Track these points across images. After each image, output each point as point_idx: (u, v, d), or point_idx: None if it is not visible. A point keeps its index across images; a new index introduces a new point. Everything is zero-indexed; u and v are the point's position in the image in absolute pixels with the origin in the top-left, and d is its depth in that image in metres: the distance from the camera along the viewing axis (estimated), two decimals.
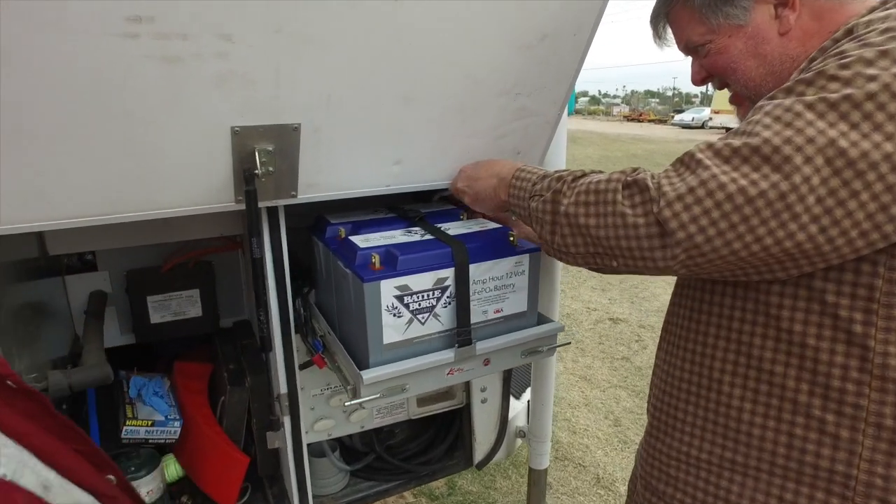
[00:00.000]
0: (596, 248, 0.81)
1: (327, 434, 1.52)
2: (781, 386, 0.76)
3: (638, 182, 0.75)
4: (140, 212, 1.02)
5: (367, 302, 0.99)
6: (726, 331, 0.82)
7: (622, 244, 0.76)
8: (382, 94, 1.05)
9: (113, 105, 0.87)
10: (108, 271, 1.70)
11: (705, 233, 0.68)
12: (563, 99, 1.27)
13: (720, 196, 0.67)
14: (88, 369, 1.26)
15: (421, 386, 1.07)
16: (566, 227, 0.83)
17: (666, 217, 0.70)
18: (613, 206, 0.76)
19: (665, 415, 0.92)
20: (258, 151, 0.99)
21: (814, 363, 0.74)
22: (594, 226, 0.79)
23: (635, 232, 0.74)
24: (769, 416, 0.78)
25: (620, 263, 0.79)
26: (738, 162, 0.68)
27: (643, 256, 0.75)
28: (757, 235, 0.66)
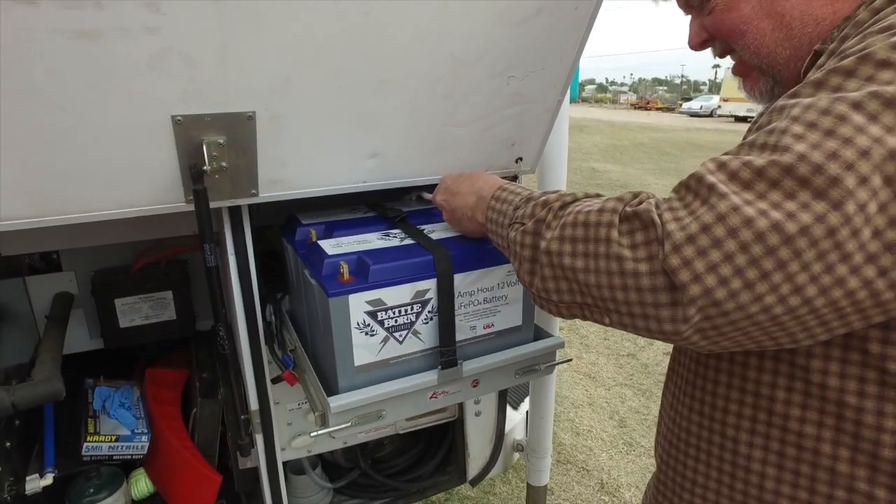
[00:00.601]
0: (584, 297, 0.63)
1: (306, 451, 1.40)
2: (814, 451, 0.62)
3: (640, 214, 0.58)
4: (78, 213, 0.90)
5: (333, 318, 0.86)
6: (740, 379, 0.67)
7: (618, 296, 0.59)
8: (353, 76, 0.91)
9: (26, 91, 0.73)
10: (73, 271, 1.58)
11: (728, 286, 0.51)
12: (563, 82, 1.13)
13: (747, 235, 0.50)
14: (36, 385, 1.14)
15: (400, 412, 0.94)
16: (547, 267, 0.66)
17: (674, 266, 0.53)
18: (607, 245, 0.59)
19: (673, 471, 0.78)
20: (206, 144, 0.85)
21: (855, 426, 0.59)
22: (581, 269, 0.61)
23: (635, 282, 0.57)
24: (799, 486, 0.64)
25: (615, 320, 0.62)
26: (765, 187, 0.51)
27: (645, 314, 0.58)
28: (796, 285, 0.50)
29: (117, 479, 1.35)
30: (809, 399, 0.61)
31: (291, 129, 0.92)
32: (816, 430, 0.61)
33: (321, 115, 0.93)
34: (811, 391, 0.61)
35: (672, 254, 0.53)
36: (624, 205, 0.60)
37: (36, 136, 0.79)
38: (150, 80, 0.78)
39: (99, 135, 0.82)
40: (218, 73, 0.81)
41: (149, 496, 1.48)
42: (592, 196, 0.69)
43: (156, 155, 0.86)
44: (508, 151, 1.17)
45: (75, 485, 1.32)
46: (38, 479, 1.19)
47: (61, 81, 0.74)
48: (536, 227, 0.69)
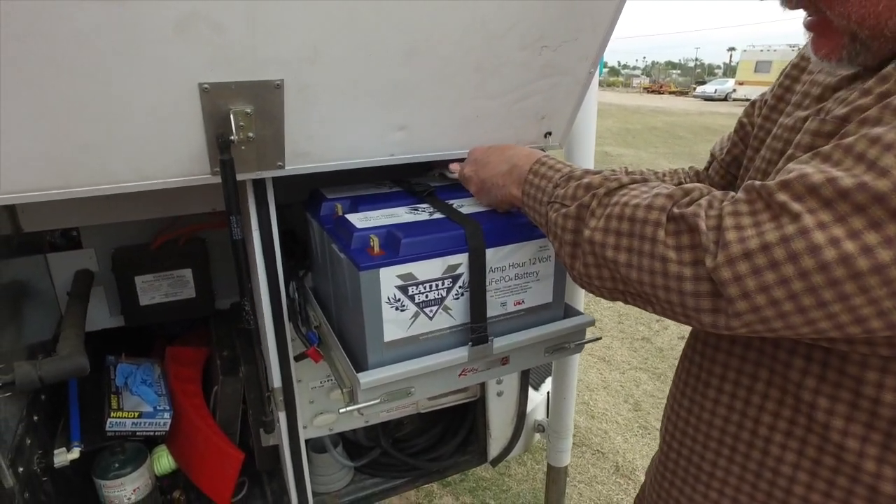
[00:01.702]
0: (627, 287, 0.62)
1: (328, 429, 1.39)
2: (855, 466, 0.59)
3: (686, 218, 0.55)
4: (102, 185, 0.88)
5: (364, 293, 0.84)
6: (781, 378, 0.63)
7: (659, 294, 0.57)
8: (381, 46, 0.88)
9: (50, 58, 0.71)
10: (93, 249, 1.58)
11: (778, 307, 0.49)
12: (595, 54, 1.09)
13: (809, 264, 0.46)
14: (61, 360, 1.13)
15: (428, 389, 0.93)
16: (590, 255, 0.64)
17: (724, 279, 0.50)
18: (652, 244, 0.57)
19: (685, 460, 0.75)
20: (234, 114, 0.83)
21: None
22: (624, 263, 0.60)
23: (678, 285, 0.55)
24: (832, 497, 0.61)
25: (658, 311, 0.61)
26: (847, 211, 0.46)
27: (686, 314, 0.56)
28: (858, 316, 0.47)
29: (141, 455, 1.36)
30: (856, 412, 0.58)
31: (319, 100, 0.89)
32: (859, 445, 0.58)
33: (349, 86, 0.90)
34: (860, 404, 0.57)
35: (725, 266, 0.50)
36: (673, 204, 0.58)
37: (60, 106, 0.77)
38: (176, 47, 0.76)
39: (124, 103, 0.80)
40: (246, 40, 0.78)
41: (171, 472, 1.49)
42: (638, 180, 0.66)
43: (182, 124, 0.84)
44: (538, 125, 1.14)
45: (101, 459, 1.33)
46: (66, 452, 1.19)
47: (86, 48, 0.72)
48: (579, 212, 0.67)
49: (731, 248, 0.50)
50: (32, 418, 1.19)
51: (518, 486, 2.42)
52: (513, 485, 2.43)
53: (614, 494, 2.38)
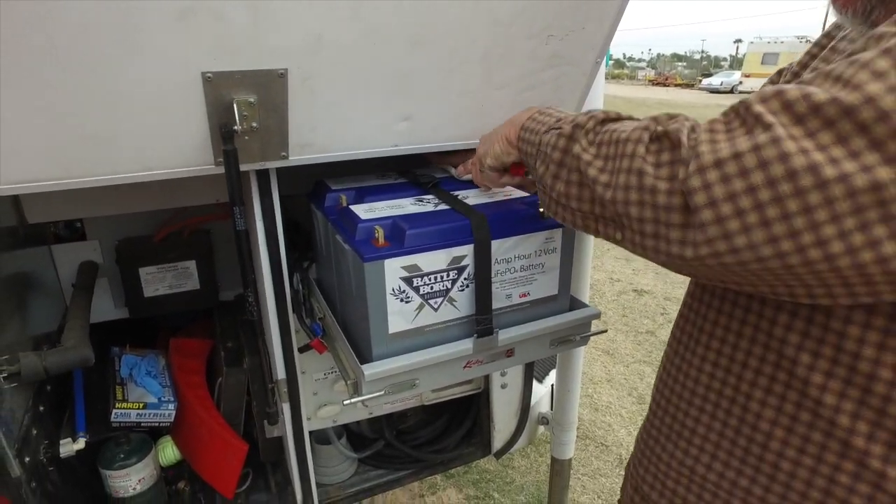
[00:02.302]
0: (602, 210, 0.62)
1: (332, 420, 1.39)
2: (830, 421, 0.59)
3: (669, 135, 0.55)
4: (105, 175, 0.87)
5: (368, 284, 0.83)
6: (765, 336, 0.63)
7: (632, 211, 0.57)
8: (386, 35, 0.87)
9: (52, 48, 0.71)
10: (98, 240, 1.58)
11: (743, 218, 0.47)
12: (602, 44, 1.08)
13: (777, 171, 0.46)
14: (66, 351, 1.13)
15: (433, 381, 0.92)
16: (574, 173, 0.65)
17: (693, 187, 0.50)
18: (631, 160, 0.57)
19: (671, 418, 0.75)
20: (237, 103, 0.82)
21: (883, 403, 0.55)
22: (604, 183, 0.60)
23: (652, 198, 0.54)
24: (806, 452, 0.61)
25: (626, 238, 0.60)
26: (818, 126, 0.45)
27: (655, 234, 0.55)
28: (821, 237, 0.45)
29: (146, 446, 1.36)
30: (836, 367, 0.58)
31: (323, 90, 0.89)
32: (837, 400, 0.58)
33: (354, 75, 0.89)
34: (840, 360, 0.57)
35: (695, 174, 0.50)
36: (657, 124, 0.58)
37: (63, 96, 0.76)
38: (179, 35, 0.75)
39: (127, 94, 0.79)
40: (249, 28, 0.77)
41: (175, 463, 1.49)
42: (635, 118, 0.67)
43: (185, 114, 0.83)
44: None
45: (106, 450, 1.33)
46: (72, 442, 1.19)
47: (88, 38, 0.71)
48: (574, 131, 0.67)
49: (703, 157, 0.50)
50: (38, 409, 1.19)
51: (522, 479, 2.42)
52: (516, 477, 2.43)
53: (617, 487, 2.38)
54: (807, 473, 0.61)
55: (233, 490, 1.42)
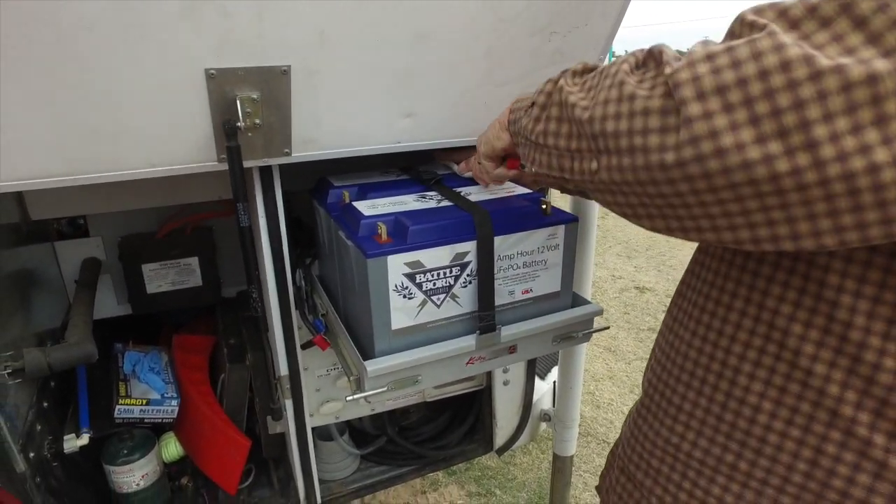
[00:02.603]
0: (579, 142, 0.59)
1: (335, 417, 1.40)
2: (819, 391, 0.58)
3: (654, 53, 0.53)
4: (108, 172, 0.87)
5: (371, 280, 0.84)
6: (756, 308, 0.62)
7: (607, 127, 0.53)
8: (389, 32, 0.87)
9: (56, 45, 0.71)
10: (101, 237, 1.58)
11: (731, 114, 0.44)
12: (605, 41, 1.08)
13: (771, 61, 0.42)
14: (70, 347, 1.14)
15: (436, 377, 0.92)
16: (555, 107, 0.64)
17: (681, 79, 0.46)
18: (613, 77, 0.54)
19: (660, 395, 0.74)
20: (240, 100, 0.82)
21: (872, 371, 0.54)
22: (583, 107, 0.57)
23: (630, 107, 0.51)
24: (794, 424, 0.60)
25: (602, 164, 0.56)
26: (814, 27, 0.43)
27: (631, 147, 0.51)
28: (811, 138, 0.41)
29: (149, 442, 1.36)
30: (827, 337, 0.56)
31: (326, 86, 0.89)
32: (827, 369, 0.57)
33: (357, 72, 0.89)
34: (832, 329, 0.56)
35: (684, 68, 0.47)
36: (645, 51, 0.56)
37: (67, 93, 0.76)
38: (182, 32, 0.75)
39: (130, 90, 0.79)
40: (252, 25, 0.77)
41: (179, 459, 1.50)
42: None
43: (188, 111, 0.83)
44: None
45: (109, 445, 1.34)
46: (75, 438, 1.20)
47: (92, 34, 0.72)
48: (561, 75, 0.67)
49: (693, 55, 0.47)
50: (42, 405, 1.20)
51: (523, 476, 2.42)
52: (518, 474, 2.43)
53: None
54: (794, 445, 0.60)
55: (235, 486, 1.43)
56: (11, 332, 1.14)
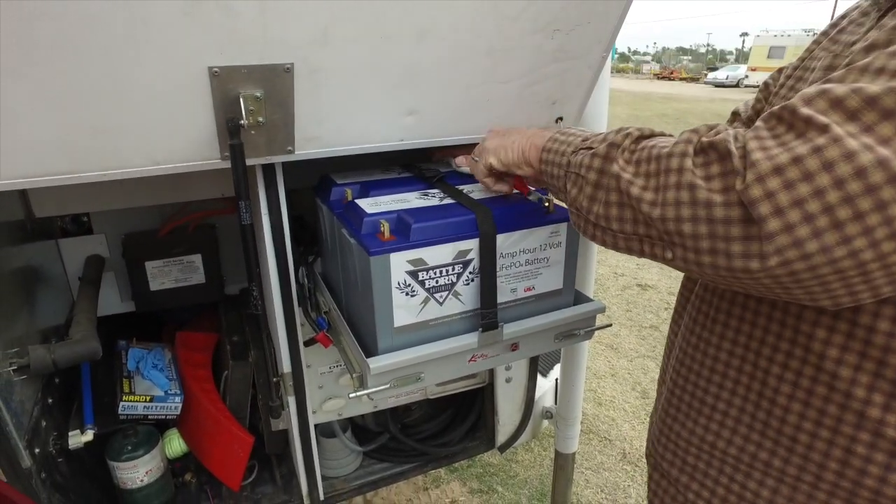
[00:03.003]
0: (648, 229, 0.59)
1: (337, 414, 1.40)
2: (846, 393, 0.60)
3: (716, 145, 0.53)
4: (113, 170, 0.88)
5: (374, 278, 0.84)
6: (782, 313, 0.65)
7: (684, 229, 0.54)
8: (392, 29, 0.87)
9: (61, 43, 0.71)
10: (104, 234, 1.59)
11: (813, 223, 0.46)
12: (608, 38, 1.07)
13: (844, 170, 0.44)
14: (74, 344, 1.15)
15: (438, 375, 0.93)
16: (614, 193, 0.62)
17: (754, 197, 0.48)
18: (679, 174, 0.55)
19: (689, 395, 0.77)
20: (244, 98, 0.83)
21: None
22: (649, 201, 0.57)
23: (707, 212, 0.52)
24: (823, 425, 0.62)
25: (678, 255, 0.57)
26: (875, 118, 0.45)
27: (713, 249, 0.53)
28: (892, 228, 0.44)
29: (153, 438, 1.37)
30: (851, 342, 0.59)
31: (329, 84, 0.89)
32: (852, 373, 0.59)
33: (360, 70, 0.89)
34: (856, 334, 0.59)
35: (754, 184, 0.48)
36: (699, 136, 0.56)
37: (71, 91, 0.76)
38: (186, 30, 0.75)
39: (134, 88, 0.79)
40: (255, 23, 0.78)
41: (182, 456, 1.51)
42: (668, 135, 0.65)
43: (191, 109, 0.83)
44: (549, 110, 1.13)
45: (114, 442, 1.34)
46: (80, 434, 1.21)
47: (95, 31, 0.72)
48: (609, 150, 0.64)
49: (759, 165, 0.48)
50: (47, 401, 1.21)
51: (525, 473, 2.43)
52: (520, 471, 2.44)
53: (621, 481, 2.39)
54: (824, 445, 0.63)
55: (239, 482, 1.43)
56: (16, 329, 1.14)
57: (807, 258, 0.48)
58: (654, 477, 0.83)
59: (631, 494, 2.32)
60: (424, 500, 2.28)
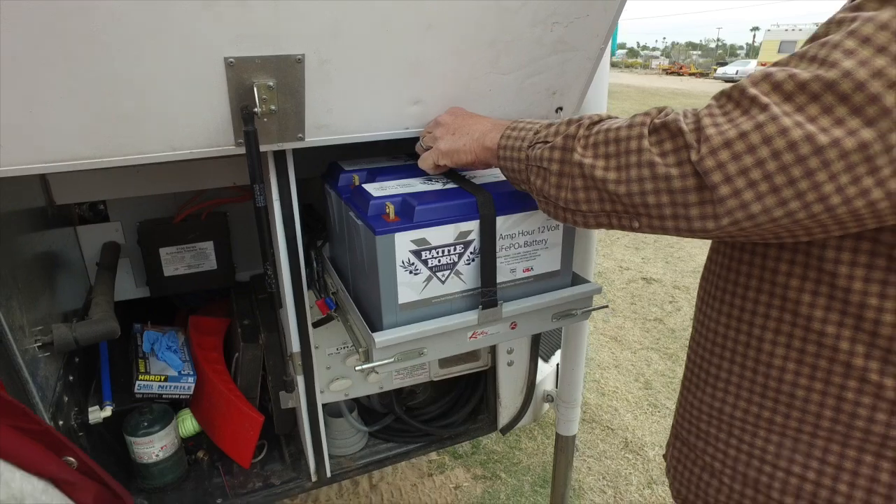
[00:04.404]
0: (614, 205, 0.69)
1: (344, 394, 1.45)
2: (833, 348, 0.68)
3: (668, 125, 0.62)
4: (132, 155, 0.93)
5: (379, 257, 0.89)
6: (770, 284, 0.72)
7: (648, 200, 0.64)
8: (399, 22, 0.92)
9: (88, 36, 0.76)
10: (120, 222, 1.65)
11: (756, 188, 0.56)
12: (606, 31, 1.11)
13: (780, 144, 0.54)
14: (94, 323, 1.21)
15: (440, 350, 0.98)
16: (579, 178, 0.71)
17: (708, 167, 0.58)
18: (639, 154, 0.64)
19: (699, 368, 0.85)
20: (257, 87, 0.87)
21: (874, 325, 0.64)
22: (613, 180, 0.67)
23: (667, 185, 0.62)
24: (816, 378, 0.70)
25: (644, 224, 0.68)
26: (805, 100, 0.54)
27: (675, 215, 0.63)
28: (822, 193, 0.54)
29: (168, 416, 1.43)
30: (833, 302, 0.66)
31: (338, 74, 0.93)
32: (836, 329, 0.67)
33: (367, 61, 0.94)
34: (836, 295, 0.66)
35: (708, 156, 0.58)
36: (651, 118, 0.65)
37: (97, 81, 0.81)
38: (204, 22, 0.80)
39: (155, 78, 0.84)
40: (269, 15, 0.82)
41: (195, 435, 1.56)
42: (614, 117, 0.74)
43: (208, 97, 0.88)
44: (549, 101, 1.17)
45: (130, 418, 1.40)
46: (99, 410, 1.26)
47: (120, 26, 0.77)
48: (566, 142, 0.73)
49: (712, 140, 0.58)
50: (68, 378, 1.26)
51: (528, 460, 2.47)
52: (523, 458, 2.48)
53: (622, 469, 2.43)
54: (819, 396, 0.70)
55: (249, 460, 1.49)
56: (39, 311, 1.20)
57: (752, 218, 0.58)
58: (677, 445, 0.90)
59: (632, 482, 2.36)
60: (429, 485, 2.33)
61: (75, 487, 0.75)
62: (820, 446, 0.71)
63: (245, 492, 1.44)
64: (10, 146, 0.83)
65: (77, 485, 0.75)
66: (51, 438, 0.74)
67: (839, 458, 0.70)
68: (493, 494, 2.27)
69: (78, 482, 0.75)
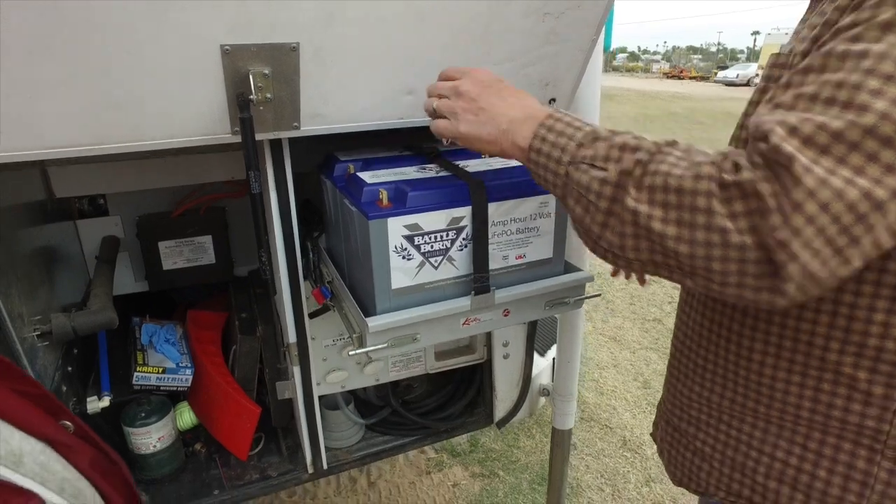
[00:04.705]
0: (667, 259, 0.61)
1: (340, 386, 1.46)
2: (808, 343, 0.69)
3: (742, 185, 0.54)
4: (129, 142, 0.94)
5: (373, 241, 0.90)
6: None
7: (713, 266, 0.57)
8: (393, 10, 0.93)
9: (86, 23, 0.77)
10: (119, 216, 1.66)
11: (820, 256, 0.52)
12: (598, 22, 1.13)
13: (838, 208, 0.50)
14: (92, 313, 1.22)
15: (433, 336, 0.99)
16: (629, 226, 0.62)
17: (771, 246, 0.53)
18: (708, 216, 0.56)
19: (686, 358, 0.87)
20: (253, 74, 0.89)
21: (847, 321, 0.66)
22: (673, 236, 0.58)
23: (739, 255, 0.55)
24: (793, 372, 0.72)
25: (700, 284, 0.60)
26: (845, 151, 0.50)
27: (741, 284, 0.57)
28: (877, 241, 0.52)
29: (166, 407, 1.44)
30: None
31: (333, 63, 0.95)
32: (811, 325, 0.69)
33: (362, 50, 0.95)
34: None
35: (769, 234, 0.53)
36: (720, 170, 0.57)
37: (94, 67, 0.82)
38: (200, 10, 0.81)
39: (152, 65, 0.86)
40: (264, 3, 0.84)
41: (192, 427, 1.57)
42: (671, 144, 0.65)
43: (205, 84, 0.90)
44: (542, 91, 1.18)
45: (129, 409, 1.41)
46: (97, 400, 1.27)
47: (117, 11, 0.78)
48: (621, 179, 0.63)
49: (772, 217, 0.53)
50: (67, 369, 1.27)
51: (526, 458, 2.48)
52: (521, 456, 2.49)
53: (620, 467, 2.43)
54: (797, 389, 0.72)
55: (246, 452, 1.50)
56: (39, 303, 1.21)
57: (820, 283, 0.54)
58: (668, 430, 0.92)
59: (630, 480, 2.36)
60: (427, 483, 2.33)
61: (72, 450, 0.76)
62: (802, 433, 0.73)
63: (242, 483, 1.45)
64: (9, 132, 0.84)
65: (74, 448, 0.76)
66: (48, 403, 0.76)
67: (819, 446, 0.72)
68: (491, 492, 2.27)
69: (74, 445, 0.77)
